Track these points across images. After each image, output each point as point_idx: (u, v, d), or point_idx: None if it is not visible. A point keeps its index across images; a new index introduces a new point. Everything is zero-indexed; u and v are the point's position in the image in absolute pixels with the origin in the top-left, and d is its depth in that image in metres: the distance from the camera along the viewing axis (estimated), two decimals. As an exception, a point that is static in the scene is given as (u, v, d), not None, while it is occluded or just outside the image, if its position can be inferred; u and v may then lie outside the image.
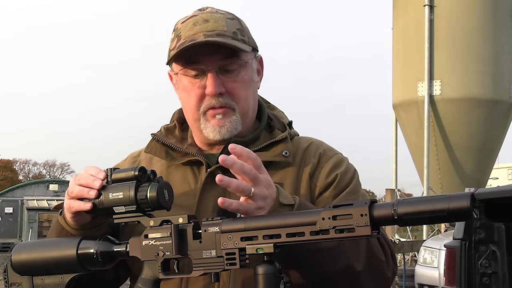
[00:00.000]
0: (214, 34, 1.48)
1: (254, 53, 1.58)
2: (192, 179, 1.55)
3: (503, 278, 3.65)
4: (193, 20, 1.52)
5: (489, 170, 14.60)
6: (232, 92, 1.51)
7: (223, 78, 1.50)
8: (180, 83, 1.56)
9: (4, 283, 1.49)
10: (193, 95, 1.52)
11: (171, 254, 1.29)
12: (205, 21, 1.51)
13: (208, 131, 1.52)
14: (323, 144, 1.63)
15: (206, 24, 1.50)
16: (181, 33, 1.52)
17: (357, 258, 1.37)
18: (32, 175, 52.78)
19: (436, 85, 13.57)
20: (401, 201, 1.15)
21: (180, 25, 1.54)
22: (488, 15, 13.71)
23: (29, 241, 1.55)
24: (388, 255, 1.48)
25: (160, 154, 1.59)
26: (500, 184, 10.40)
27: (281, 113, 1.68)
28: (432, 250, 7.72)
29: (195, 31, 1.49)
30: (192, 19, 1.53)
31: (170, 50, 1.54)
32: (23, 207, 25.42)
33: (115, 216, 1.35)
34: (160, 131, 1.64)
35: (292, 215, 1.23)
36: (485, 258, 3.68)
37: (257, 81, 1.60)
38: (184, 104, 1.58)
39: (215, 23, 1.50)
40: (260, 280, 1.20)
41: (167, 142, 1.59)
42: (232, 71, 1.51)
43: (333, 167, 1.56)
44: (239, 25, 1.54)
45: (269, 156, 1.53)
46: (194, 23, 1.51)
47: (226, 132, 1.51)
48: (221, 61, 1.49)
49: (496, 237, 3.68)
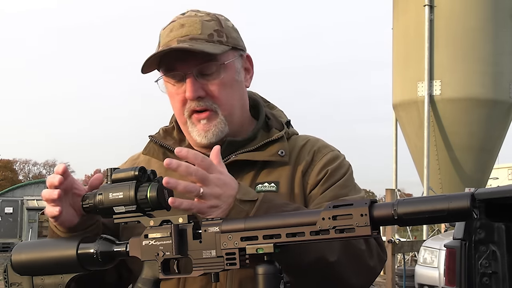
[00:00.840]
0: (187, 39, 1.49)
1: (237, 53, 1.57)
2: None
3: (503, 278, 3.65)
4: (171, 26, 1.54)
5: (489, 170, 14.59)
6: (212, 94, 1.52)
7: (203, 81, 1.51)
8: (165, 88, 1.58)
9: (4, 283, 1.49)
10: (176, 100, 1.55)
11: (171, 254, 1.29)
12: (181, 26, 1.52)
13: (195, 135, 1.55)
14: (319, 142, 1.63)
15: (182, 29, 1.51)
16: (160, 39, 1.55)
17: (330, 249, 1.35)
18: (32, 175, 52.81)
19: (436, 85, 13.56)
20: (401, 201, 1.15)
21: (162, 31, 1.56)
22: (488, 15, 13.70)
23: (29, 241, 1.55)
24: (371, 244, 1.44)
25: (158, 156, 1.60)
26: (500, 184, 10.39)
27: (280, 112, 1.68)
28: (432, 250, 7.72)
29: (171, 37, 1.51)
30: (170, 25, 1.55)
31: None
32: (23, 207, 25.41)
33: (115, 216, 1.35)
34: (158, 133, 1.65)
35: (292, 215, 1.23)
36: (485, 258, 3.68)
37: (242, 80, 1.59)
38: (173, 109, 1.60)
39: (189, 27, 1.51)
40: (260, 280, 1.20)
41: (164, 144, 1.60)
42: (211, 74, 1.52)
43: (326, 163, 1.56)
44: (218, 25, 1.54)
45: (265, 155, 1.54)
46: (171, 29, 1.53)
47: (212, 136, 1.53)
48: (197, 66, 1.51)
49: (496, 237, 3.68)
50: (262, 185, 1.52)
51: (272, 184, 1.52)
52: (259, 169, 1.54)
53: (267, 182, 1.52)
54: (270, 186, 1.51)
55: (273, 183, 1.52)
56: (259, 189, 1.50)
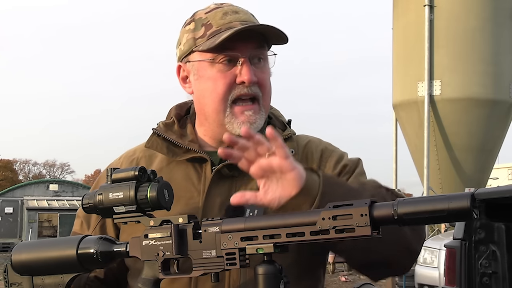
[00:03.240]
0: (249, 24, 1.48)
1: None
2: (195, 176, 1.53)
3: (503, 278, 3.65)
4: (222, 11, 1.51)
5: (489, 170, 14.61)
6: (261, 82, 1.50)
7: (253, 67, 1.49)
8: (203, 72, 1.51)
9: (4, 283, 1.49)
10: (222, 83, 1.48)
11: (171, 254, 1.29)
12: (235, 12, 1.51)
13: (234, 127, 1.48)
14: (322, 141, 1.63)
15: (238, 14, 1.50)
16: (210, 22, 1.50)
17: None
18: (32, 175, 52.85)
19: (436, 85, 13.58)
20: (401, 201, 1.14)
21: (204, 15, 1.52)
22: (488, 15, 13.72)
23: (29, 241, 1.55)
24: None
25: (162, 149, 1.56)
26: (500, 184, 10.40)
27: (278, 111, 1.68)
28: (432, 250, 7.72)
29: (229, 20, 1.48)
30: (220, 9, 1.52)
31: (197, 39, 1.51)
32: (23, 207, 25.44)
33: (115, 216, 1.35)
34: (158, 126, 1.60)
35: (292, 215, 1.23)
36: (485, 258, 3.68)
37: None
38: (207, 95, 1.51)
39: (245, 15, 1.51)
40: (260, 280, 1.20)
41: (168, 138, 1.56)
42: (261, 60, 1.51)
43: (338, 159, 1.57)
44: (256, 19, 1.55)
45: None
46: (224, 13, 1.50)
47: (254, 129, 1.47)
48: (254, 50, 1.49)
49: (496, 237, 3.69)
50: None
51: None
52: None
53: None
54: None
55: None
56: None
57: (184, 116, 1.64)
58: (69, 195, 29.99)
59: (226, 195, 1.47)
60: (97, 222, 1.59)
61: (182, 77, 1.58)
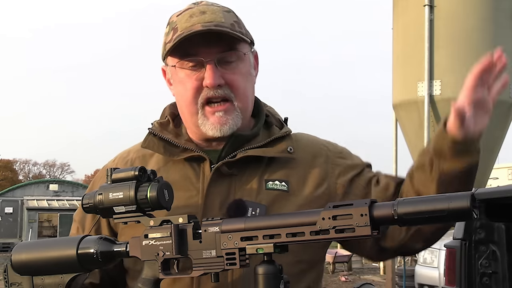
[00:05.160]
0: (212, 25, 1.45)
1: (250, 47, 1.56)
2: (193, 175, 1.52)
3: (503, 278, 3.65)
4: (189, 12, 1.50)
5: (489, 170, 14.59)
6: (231, 83, 1.49)
7: (222, 70, 1.48)
8: (175, 76, 1.53)
9: (4, 283, 1.49)
10: (189, 87, 1.49)
11: (171, 254, 1.29)
12: (202, 12, 1.49)
13: (207, 128, 1.49)
14: (319, 139, 1.63)
15: (203, 15, 1.48)
16: (177, 26, 1.49)
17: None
18: (32, 175, 52.84)
19: (436, 85, 13.57)
20: (401, 201, 1.14)
21: (175, 18, 1.52)
22: (488, 16, 13.71)
23: (29, 241, 1.55)
24: None
25: (159, 149, 1.55)
26: (500, 184, 10.39)
27: (273, 109, 1.68)
28: (432, 250, 7.72)
29: (192, 23, 1.46)
30: (188, 11, 1.51)
31: (166, 43, 1.51)
32: (23, 207, 25.44)
33: (115, 216, 1.35)
34: (154, 126, 1.59)
35: (292, 215, 1.23)
36: (485, 258, 3.68)
37: (253, 75, 1.58)
38: (180, 98, 1.54)
39: (212, 15, 1.48)
40: (260, 280, 1.20)
41: (165, 137, 1.55)
42: (231, 62, 1.49)
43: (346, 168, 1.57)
44: (235, 17, 1.52)
45: (275, 151, 1.52)
46: (190, 15, 1.49)
47: (228, 130, 1.48)
48: (219, 53, 1.47)
49: (496, 237, 3.69)
50: (273, 182, 1.49)
51: (283, 183, 1.50)
52: (266, 165, 1.52)
53: (277, 180, 1.50)
54: (281, 185, 1.49)
55: (283, 182, 1.50)
56: (270, 187, 1.49)
57: (178, 115, 1.62)
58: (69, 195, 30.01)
59: (226, 193, 1.47)
60: (91, 226, 1.58)
61: (167, 79, 1.59)
